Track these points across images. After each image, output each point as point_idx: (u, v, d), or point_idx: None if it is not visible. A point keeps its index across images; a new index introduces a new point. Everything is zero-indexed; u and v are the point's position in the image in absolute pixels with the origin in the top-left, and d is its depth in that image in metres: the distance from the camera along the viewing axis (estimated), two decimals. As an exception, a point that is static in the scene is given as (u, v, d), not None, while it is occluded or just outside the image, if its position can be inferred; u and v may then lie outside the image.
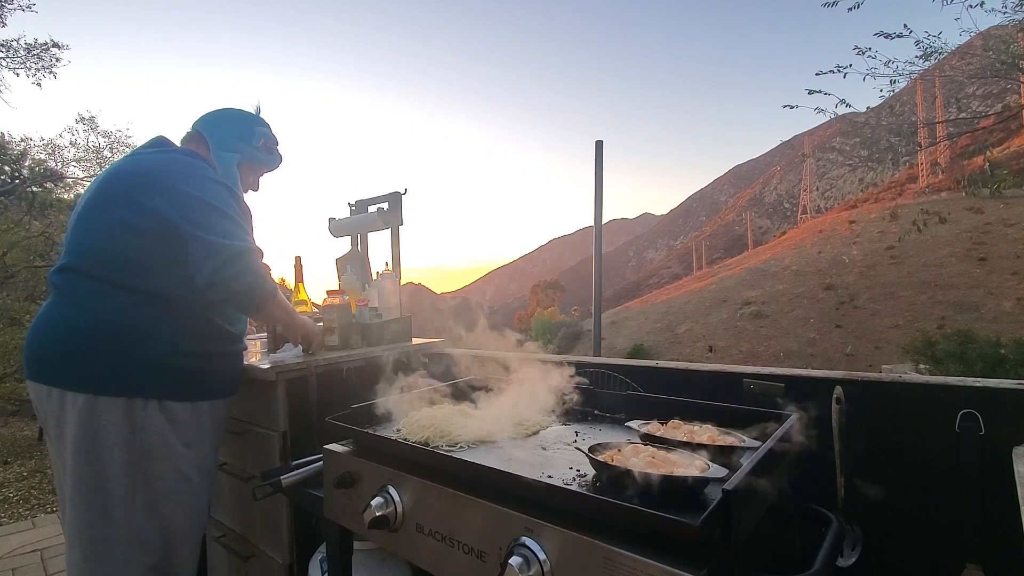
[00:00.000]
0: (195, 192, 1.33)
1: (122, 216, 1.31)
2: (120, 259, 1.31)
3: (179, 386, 1.36)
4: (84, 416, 1.27)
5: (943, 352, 10.17)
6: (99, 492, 1.27)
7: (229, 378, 1.52)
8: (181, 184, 1.34)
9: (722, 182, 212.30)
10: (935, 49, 7.27)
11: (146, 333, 1.32)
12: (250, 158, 1.63)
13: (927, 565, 1.10)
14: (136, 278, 1.32)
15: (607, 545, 0.68)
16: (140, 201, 1.32)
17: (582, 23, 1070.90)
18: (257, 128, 1.66)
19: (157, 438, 1.32)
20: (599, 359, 1.66)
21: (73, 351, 1.29)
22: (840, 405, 1.13)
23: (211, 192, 1.36)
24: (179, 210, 1.30)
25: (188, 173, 1.37)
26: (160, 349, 1.33)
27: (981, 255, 27.96)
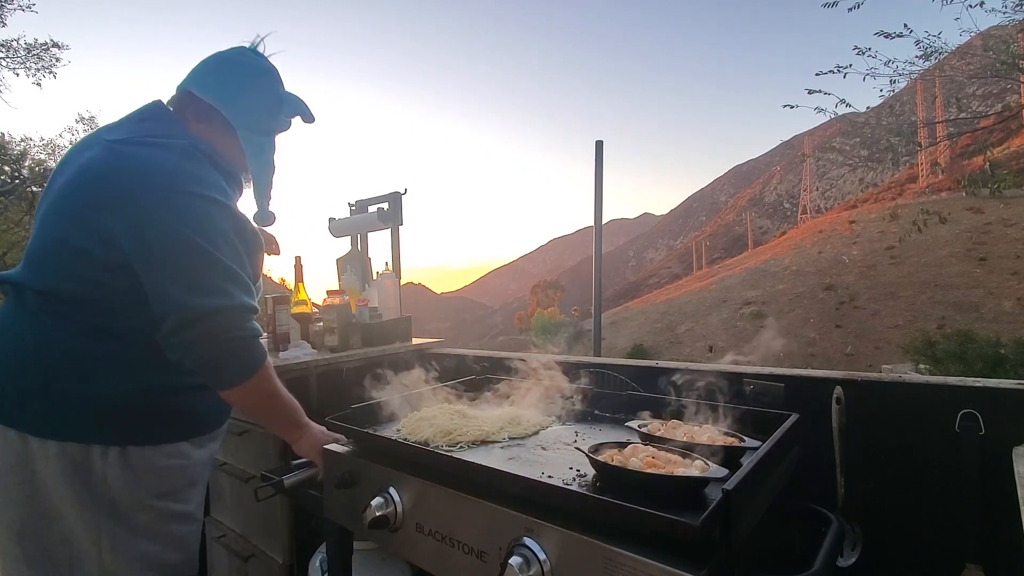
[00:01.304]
0: (171, 219, 0.99)
1: (71, 237, 1.02)
2: (70, 289, 1.04)
3: (147, 428, 1.10)
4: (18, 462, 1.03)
5: (943, 352, 10.18)
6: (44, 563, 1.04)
7: (217, 411, 1.23)
8: (154, 204, 0.99)
9: (722, 182, 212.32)
10: (935, 49, 7.28)
11: (99, 366, 1.05)
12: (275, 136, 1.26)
13: (927, 565, 1.10)
14: (89, 313, 1.05)
15: (607, 545, 0.68)
16: (91, 221, 1.01)
17: (582, 23, 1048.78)
18: (283, 92, 1.25)
19: (121, 492, 1.06)
20: (599, 359, 1.66)
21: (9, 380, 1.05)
22: (840, 405, 1.13)
23: (195, 219, 1.01)
24: (139, 243, 0.99)
25: (170, 187, 1.01)
26: (120, 386, 1.06)
27: (981, 255, 27.97)
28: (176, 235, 1.00)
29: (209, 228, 1.03)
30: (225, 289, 1.02)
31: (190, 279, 1.00)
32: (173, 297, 0.99)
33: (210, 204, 1.06)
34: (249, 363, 1.06)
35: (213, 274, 1.02)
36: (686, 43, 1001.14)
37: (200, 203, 1.04)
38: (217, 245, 1.03)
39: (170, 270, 0.99)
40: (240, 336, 1.04)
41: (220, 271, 1.02)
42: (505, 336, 70.22)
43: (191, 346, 1.00)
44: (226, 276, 1.03)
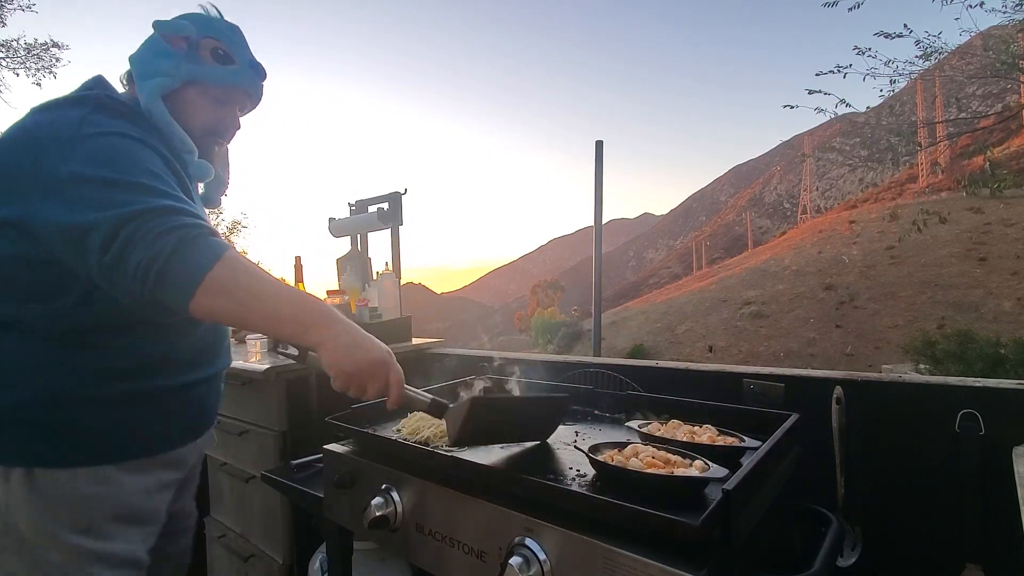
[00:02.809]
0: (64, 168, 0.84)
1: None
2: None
3: (58, 446, 0.90)
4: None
5: (943, 352, 10.18)
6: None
7: (159, 429, 1.01)
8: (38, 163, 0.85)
9: (722, 182, 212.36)
10: (935, 49, 7.28)
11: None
12: (189, 77, 1.04)
13: (927, 565, 1.10)
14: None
15: (607, 545, 0.68)
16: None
17: (582, 23, 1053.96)
18: (188, 29, 1.06)
19: (28, 524, 0.89)
20: (599, 359, 1.66)
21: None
22: (840, 405, 1.13)
23: (89, 156, 0.85)
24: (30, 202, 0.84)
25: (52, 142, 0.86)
26: (19, 393, 0.89)
27: (981, 255, 27.97)
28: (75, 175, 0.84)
29: (118, 158, 0.86)
30: (137, 198, 0.83)
31: (98, 201, 0.82)
32: (88, 220, 0.81)
33: (122, 140, 0.89)
34: (198, 256, 0.81)
35: (121, 190, 0.84)
36: (686, 43, 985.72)
37: (106, 139, 0.88)
38: (129, 171, 0.86)
39: (77, 204, 0.82)
40: (173, 227, 0.81)
41: (130, 187, 0.84)
42: (505, 336, 70.23)
43: (123, 257, 0.80)
44: (138, 189, 0.85)
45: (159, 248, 0.79)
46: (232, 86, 1.10)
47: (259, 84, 1.15)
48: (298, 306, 0.85)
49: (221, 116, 1.11)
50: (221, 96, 1.10)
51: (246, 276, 0.84)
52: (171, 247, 0.80)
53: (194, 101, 1.07)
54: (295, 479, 1.37)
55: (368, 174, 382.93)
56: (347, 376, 0.85)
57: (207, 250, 0.82)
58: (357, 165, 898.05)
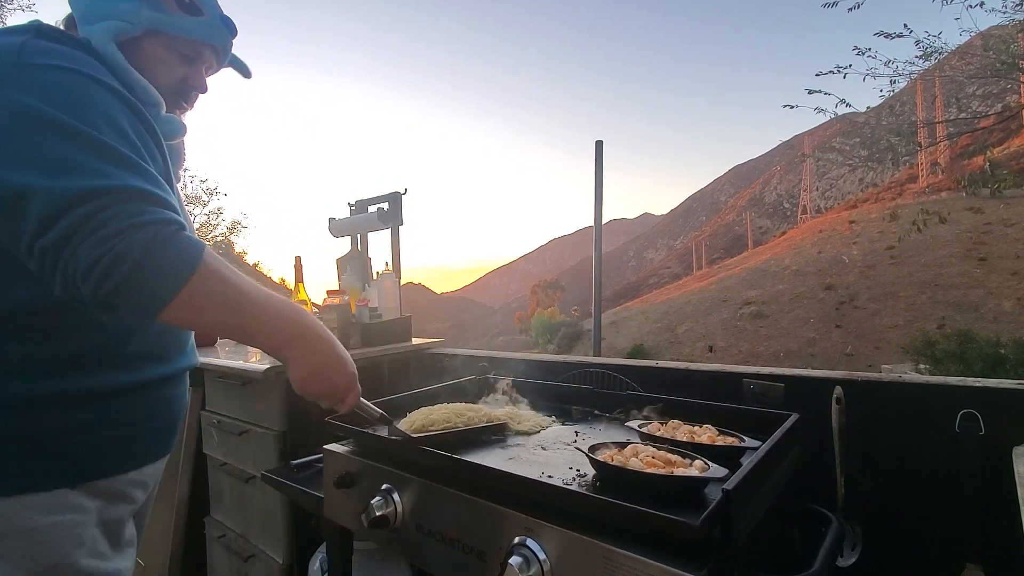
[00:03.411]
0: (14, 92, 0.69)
1: None
2: None
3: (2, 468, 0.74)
4: None
5: (943, 352, 10.18)
6: None
7: (127, 440, 0.85)
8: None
9: (722, 182, 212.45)
10: (935, 49, 7.28)
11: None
12: (151, 25, 0.88)
13: (927, 565, 1.10)
14: None
15: (607, 545, 0.68)
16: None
17: (582, 23, 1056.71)
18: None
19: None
20: (599, 359, 1.66)
21: None
22: (840, 405, 1.13)
23: (54, 91, 0.71)
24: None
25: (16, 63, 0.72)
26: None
27: (981, 255, 27.97)
28: (21, 108, 0.68)
29: (79, 104, 0.72)
30: (101, 169, 0.68)
31: (46, 159, 0.67)
32: (26, 184, 0.66)
33: (84, 80, 0.74)
34: (172, 264, 0.68)
35: (80, 150, 0.69)
36: (686, 43, 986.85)
37: (65, 75, 0.73)
38: (94, 123, 0.71)
39: (15, 154, 0.67)
40: (145, 221, 0.67)
41: (93, 148, 0.70)
42: (505, 336, 70.28)
43: (69, 244, 0.65)
44: (104, 155, 0.70)
45: (125, 247, 0.65)
46: (201, 40, 0.94)
47: (230, 41, 0.99)
48: (274, 322, 0.79)
49: (187, 75, 0.95)
50: (188, 51, 0.94)
51: (222, 287, 0.73)
52: (141, 248, 0.66)
53: (156, 55, 0.90)
54: (295, 479, 1.37)
55: (368, 174, 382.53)
56: (307, 392, 0.87)
57: (184, 257, 0.69)
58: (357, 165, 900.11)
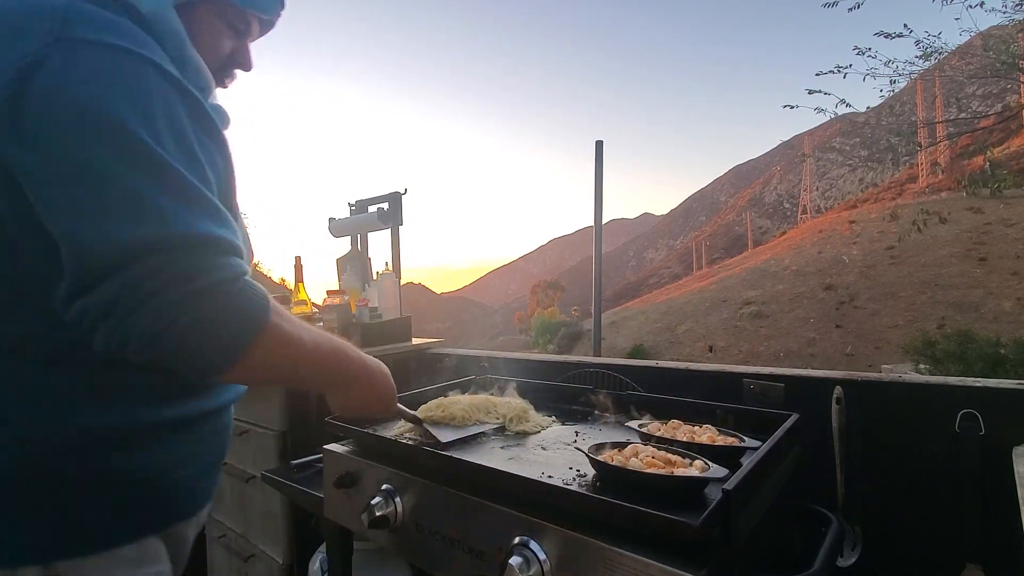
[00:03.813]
0: (67, 82, 0.55)
1: None
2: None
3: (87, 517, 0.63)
4: None
5: (943, 352, 10.17)
6: None
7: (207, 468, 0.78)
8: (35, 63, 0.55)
9: (722, 182, 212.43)
10: (935, 49, 7.29)
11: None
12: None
13: (927, 565, 1.10)
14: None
15: (607, 545, 0.68)
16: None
17: (582, 23, 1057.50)
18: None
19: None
20: (599, 359, 1.66)
21: None
22: (840, 405, 1.13)
23: (96, 79, 0.56)
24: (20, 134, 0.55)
25: (61, 35, 0.56)
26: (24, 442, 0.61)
27: (981, 255, 27.97)
28: (67, 105, 0.54)
29: (142, 104, 0.58)
30: (162, 206, 0.56)
31: (94, 187, 0.54)
32: (66, 231, 0.55)
33: (143, 66, 0.60)
34: (236, 327, 0.59)
35: (138, 176, 0.56)
36: (686, 43, 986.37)
37: (122, 59, 0.59)
38: (158, 136, 0.58)
39: (66, 180, 0.54)
40: (198, 289, 0.56)
41: (154, 174, 0.57)
42: (505, 336, 70.29)
43: (106, 318, 0.54)
44: (168, 185, 0.57)
45: (186, 321, 0.55)
46: (253, 11, 0.82)
47: (278, 15, 0.89)
48: (326, 367, 0.76)
49: (237, 50, 0.85)
50: (239, 23, 0.82)
51: (283, 348, 0.66)
52: (205, 321, 0.56)
53: (208, 25, 0.78)
54: (295, 479, 1.37)
55: (368, 174, 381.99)
56: (345, 415, 0.91)
57: (248, 323, 0.60)
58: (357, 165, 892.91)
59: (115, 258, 0.54)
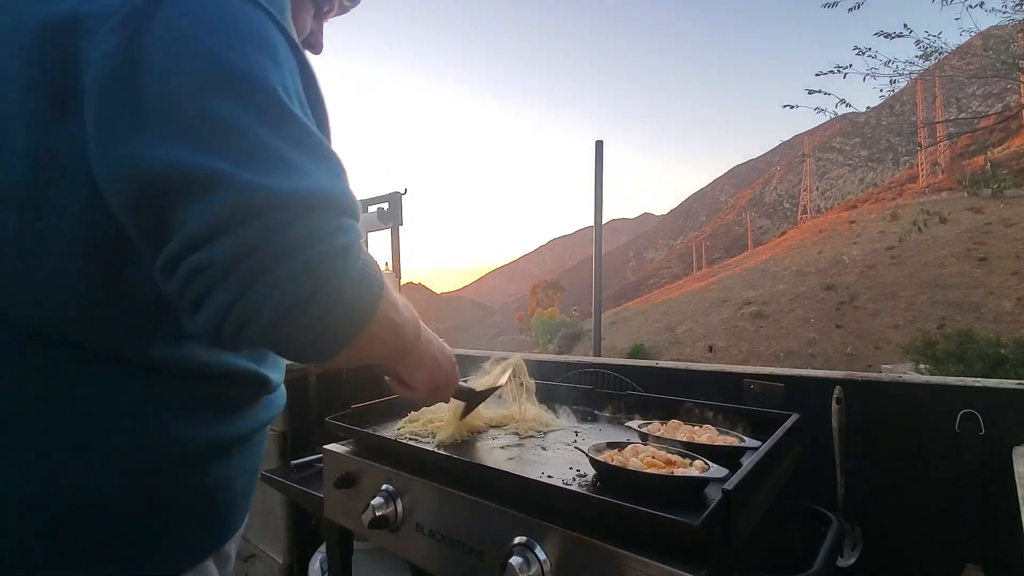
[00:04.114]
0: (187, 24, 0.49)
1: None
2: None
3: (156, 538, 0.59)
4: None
5: (943, 352, 10.18)
6: None
7: (249, 479, 0.72)
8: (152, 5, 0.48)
9: (722, 182, 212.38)
10: (935, 49, 7.29)
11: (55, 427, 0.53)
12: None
13: (927, 565, 1.10)
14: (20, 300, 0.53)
15: (607, 545, 0.68)
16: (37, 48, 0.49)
17: (582, 23, 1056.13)
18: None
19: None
20: (599, 359, 1.66)
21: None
22: (840, 405, 1.13)
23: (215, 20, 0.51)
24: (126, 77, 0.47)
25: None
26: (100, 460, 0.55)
27: (981, 255, 27.99)
28: (188, 45, 0.48)
29: (262, 49, 0.52)
30: (290, 157, 0.49)
31: (226, 132, 0.47)
32: (213, 169, 0.46)
33: (258, 11, 0.54)
34: (359, 297, 0.53)
35: (265, 123, 0.49)
36: (686, 43, 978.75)
37: (237, 4, 0.52)
38: (282, 82, 0.52)
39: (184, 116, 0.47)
40: (329, 251, 0.49)
41: (281, 122, 0.50)
42: (505, 336, 70.30)
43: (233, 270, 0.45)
44: (292, 134, 0.51)
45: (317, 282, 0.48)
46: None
47: (358, 2, 0.84)
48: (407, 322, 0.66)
49: (315, 32, 0.80)
50: (324, 2, 0.78)
51: (391, 322, 0.60)
52: (332, 287, 0.49)
53: (298, 2, 0.72)
54: (295, 479, 1.37)
55: (367, 174, 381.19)
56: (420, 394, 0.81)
57: (368, 296, 0.53)
58: (357, 165, 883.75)
59: (260, 204, 0.46)
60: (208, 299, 0.46)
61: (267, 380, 0.69)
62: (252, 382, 0.66)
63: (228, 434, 0.64)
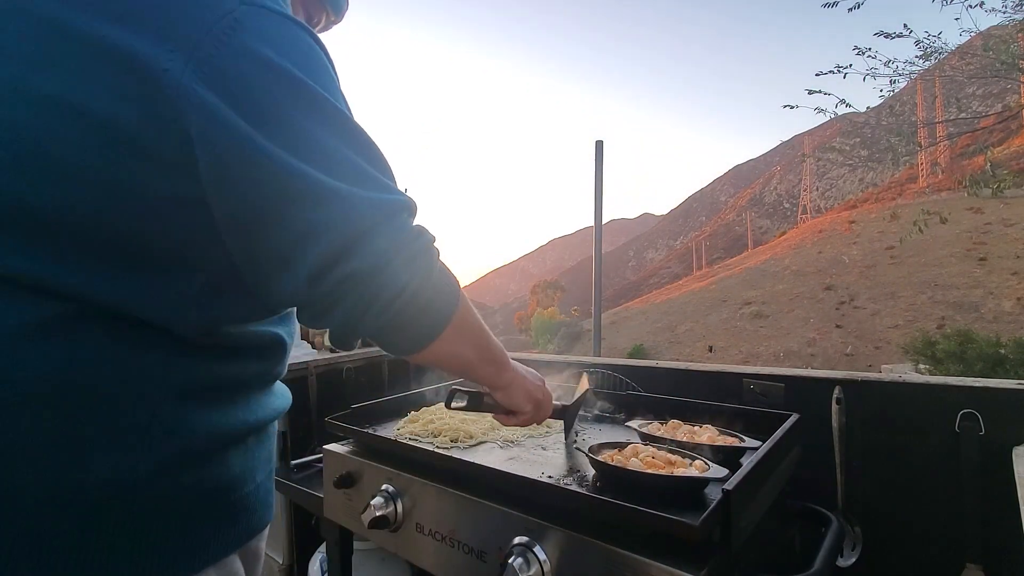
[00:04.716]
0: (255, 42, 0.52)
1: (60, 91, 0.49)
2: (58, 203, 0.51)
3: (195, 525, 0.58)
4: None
5: (943, 352, 10.18)
6: None
7: (271, 475, 0.72)
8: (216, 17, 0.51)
9: (722, 182, 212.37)
10: (935, 49, 7.28)
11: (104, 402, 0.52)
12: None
13: (927, 565, 1.10)
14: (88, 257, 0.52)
15: (607, 545, 0.68)
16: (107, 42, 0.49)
17: (582, 23, 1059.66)
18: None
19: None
20: (599, 359, 1.66)
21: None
22: (840, 405, 1.13)
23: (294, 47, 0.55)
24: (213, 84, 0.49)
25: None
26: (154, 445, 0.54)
27: (981, 255, 28.00)
28: (271, 70, 0.51)
29: (326, 74, 0.57)
30: (373, 174, 0.56)
31: (335, 156, 0.53)
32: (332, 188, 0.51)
33: (310, 37, 0.58)
34: (444, 290, 0.61)
35: (359, 148, 0.56)
36: (686, 43, 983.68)
37: (295, 29, 0.56)
38: (348, 107, 0.58)
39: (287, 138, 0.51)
40: (424, 247, 0.59)
41: (360, 144, 0.57)
42: (505, 336, 70.42)
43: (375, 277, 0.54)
44: (376, 155, 0.58)
45: (423, 275, 0.58)
46: (327, 6, 0.81)
47: (342, 18, 0.86)
48: (499, 347, 0.74)
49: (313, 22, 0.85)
50: (314, 13, 0.80)
51: (475, 313, 0.67)
52: (435, 277, 0.59)
53: (294, 6, 0.74)
54: (295, 479, 1.37)
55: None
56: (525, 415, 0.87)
57: (449, 280, 0.62)
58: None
59: (379, 214, 0.54)
60: (343, 301, 0.54)
61: (284, 342, 0.71)
62: (275, 347, 0.69)
63: (245, 421, 0.64)
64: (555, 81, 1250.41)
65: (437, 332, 0.61)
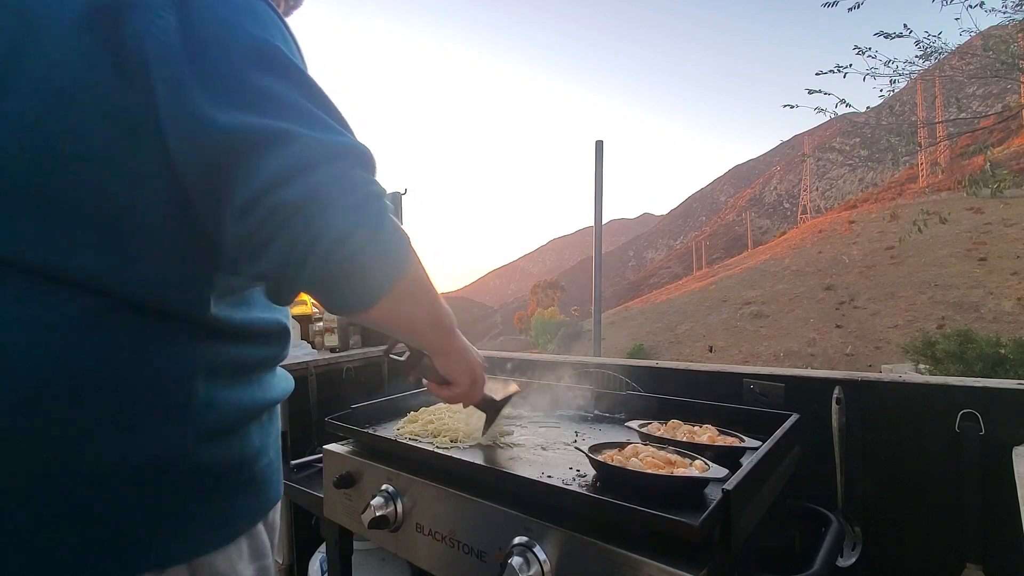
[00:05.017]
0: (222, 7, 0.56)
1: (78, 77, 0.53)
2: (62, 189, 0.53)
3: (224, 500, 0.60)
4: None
5: (943, 352, 10.17)
6: None
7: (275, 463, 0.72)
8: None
9: (722, 182, 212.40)
10: (935, 49, 7.28)
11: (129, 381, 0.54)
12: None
13: (927, 565, 1.10)
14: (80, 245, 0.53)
15: (607, 545, 0.68)
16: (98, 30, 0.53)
17: (581, 23, 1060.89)
18: None
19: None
20: (599, 359, 1.66)
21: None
22: (840, 405, 1.13)
23: (253, 14, 0.57)
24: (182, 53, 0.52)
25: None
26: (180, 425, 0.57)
27: (981, 255, 28.00)
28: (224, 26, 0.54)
29: (276, 28, 0.59)
30: (326, 121, 0.56)
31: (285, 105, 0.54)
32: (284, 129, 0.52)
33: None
34: (395, 244, 0.58)
35: (311, 96, 0.57)
36: (686, 43, 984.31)
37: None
38: (302, 59, 0.61)
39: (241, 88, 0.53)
40: (375, 192, 0.56)
41: (313, 93, 0.58)
42: (505, 336, 70.35)
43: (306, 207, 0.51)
44: (329, 105, 0.59)
45: (370, 219, 0.54)
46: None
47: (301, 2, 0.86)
48: (446, 306, 0.73)
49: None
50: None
51: (425, 272, 0.65)
52: (367, 232, 0.54)
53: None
54: (295, 479, 1.37)
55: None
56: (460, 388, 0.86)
57: (401, 235, 0.59)
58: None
59: (326, 151, 0.54)
60: (277, 237, 0.52)
61: (288, 328, 0.74)
62: (281, 334, 0.71)
63: (262, 399, 0.67)
64: (555, 81, 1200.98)
65: (387, 289, 0.58)
